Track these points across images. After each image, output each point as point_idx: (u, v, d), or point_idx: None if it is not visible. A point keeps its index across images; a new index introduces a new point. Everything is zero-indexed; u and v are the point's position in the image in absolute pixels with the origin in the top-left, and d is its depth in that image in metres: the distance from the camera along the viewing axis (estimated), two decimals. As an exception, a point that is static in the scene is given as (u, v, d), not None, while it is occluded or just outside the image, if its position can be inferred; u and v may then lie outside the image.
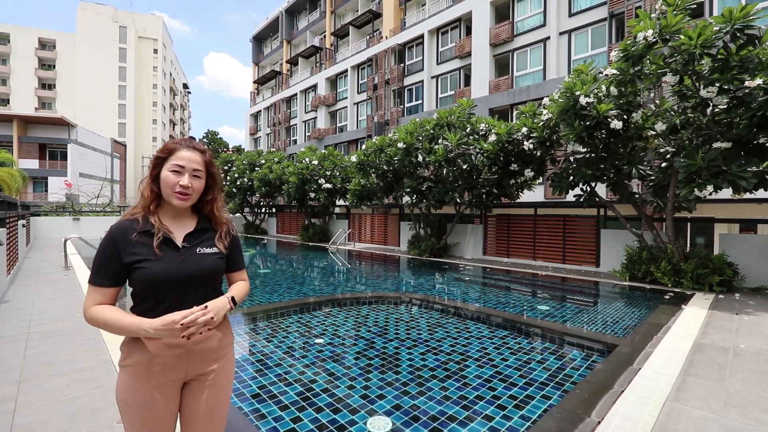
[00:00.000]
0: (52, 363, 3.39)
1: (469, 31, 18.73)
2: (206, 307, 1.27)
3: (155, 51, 58.80)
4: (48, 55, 52.97)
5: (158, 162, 1.35)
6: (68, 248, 9.48)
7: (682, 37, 6.22)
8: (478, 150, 10.42)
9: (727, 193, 8.64)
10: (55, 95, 52.98)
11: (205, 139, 48.48)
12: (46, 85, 53.67)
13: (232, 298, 1.41)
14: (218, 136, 49.14)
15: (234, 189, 22.53)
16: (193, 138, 1.46)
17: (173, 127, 67.76)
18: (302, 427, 2.65)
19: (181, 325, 1.19)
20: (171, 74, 65.64)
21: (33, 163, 32.72)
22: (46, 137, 33.83)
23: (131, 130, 54.93)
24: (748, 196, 7.34)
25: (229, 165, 24.41)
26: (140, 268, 1.27)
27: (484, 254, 12.79)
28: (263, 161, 21.43)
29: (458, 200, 11.20)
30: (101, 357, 3.53)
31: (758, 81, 5.58)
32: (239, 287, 1.50)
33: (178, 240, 1.36)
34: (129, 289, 1.33)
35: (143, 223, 1.32)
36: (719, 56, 6.12)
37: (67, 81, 52.92)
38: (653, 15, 6.87)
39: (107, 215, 21.28)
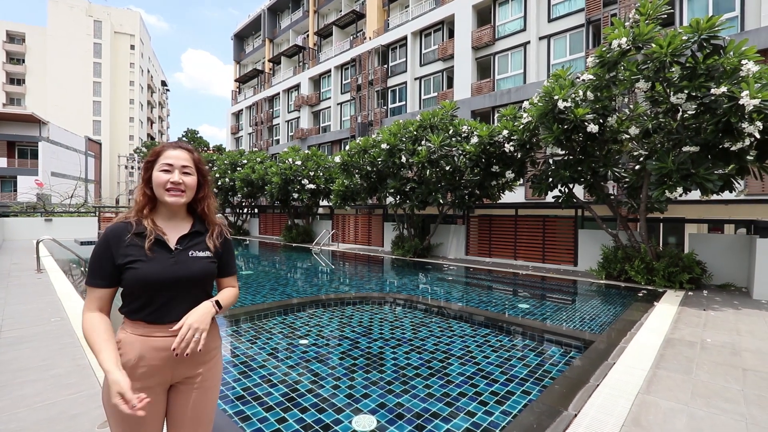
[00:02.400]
0: (27, 369, 3.29)
1: (451, 34, 18.98)
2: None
3: (132, 47, 57.16)
4: (17, 49, 50.78)
5: (148, 166, 1.38)
6: (41, 250, 9.14)
7: (653, 45, 6.51)
8: (460, 152, 10.58)
9: (696, 194, 9.05)
10: (25, 91, 50.81)
11: (184, 138, 47.37)
12: (15, 80, 51.43)
13: (216, 302, 1.41)
14: (198, 135, 48.13)
15: (215, 189, 22.13)
16: (182, 140, 1.47)
17: (151, 126, 65.98)
18: (287, 427, 2.66)
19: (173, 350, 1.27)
20: (149, 71, 63.92)
21: (0, 162, 31.31)
22: (15, 134, 32.40)
23: (107, 128, 53.19)
24: (715, 197, 7.71)
25: (210, 165, 23.96)
26: (131, 269, 1.28)
27: (466, 254, 12.98)
28: (245, 161, 21.15)
29: (441, 201, 11.34)
30: (79, 362, 3.44)
31: (723, 89, 5.88)
32: (227, 293, 1.50)
33: (172, 242, 1.37)
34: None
35: (137, 226, 1.33)
36: (688, 64, 6.42)
37: (37, 76, 50.83)
38: (627, 23, 7.15)
39: (81, 216, 20.55)
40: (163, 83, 76.38)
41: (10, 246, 14.05)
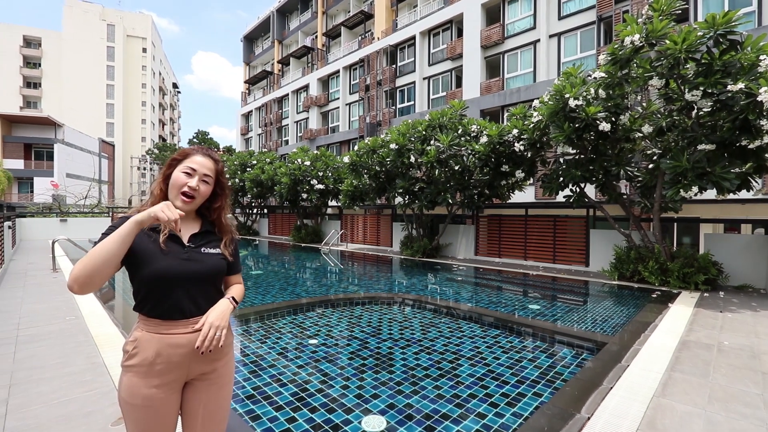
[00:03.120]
0: (43, 366, 3.36)
1: (460, 33, 18.88)
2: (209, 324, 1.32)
3: (144, 50, 58.00)
4: (33, 54, 51.91)
5: (173, 163, 1.40)
6: (56, 250, 9.33)
7: (667, 41, 6.38)
8: (469, 151, 10.52)
9: (711, 193, 8.85)
10: (41, 94, 51.93)
11: (195, 140, 47.99)
12: (32, 83, 52.57)
13: (233, 298, 1.46)
14: (209, 137, 48.71)
15: (225, 190, 22.33)
16: (210, 147, 1.50)
17: (163, 127, 66.90)
18: (297, 427, 2.66)
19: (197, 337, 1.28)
20: (160, 73, 64.81)
21: (18, 164, 32.04)
22: (31, 137, 33.17)
23: (120, 130, 54.08)
24: (731, 196, 7.52)
25: (220, 165, 24.18)
26: (145, 263, 1.29)
27: (476, 254, 12.89)
28: (255, 162, 21.31)
29: (450, 201, 11.28)
30: (93, 360, 3.50)
31: (740, 85, 5.74)
32: (238, 289, 1.54)
33: (183, 239, 1.39)
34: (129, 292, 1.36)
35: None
36: (703, 61, 6.28)
37: (53, 80, 51.90)
38: (640, 20, 7.02)
39: (95, 216, 20.95)
40: (174, 85, 77.38)
41: (27, 246, 14.37)
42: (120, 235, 1.19)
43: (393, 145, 11.51)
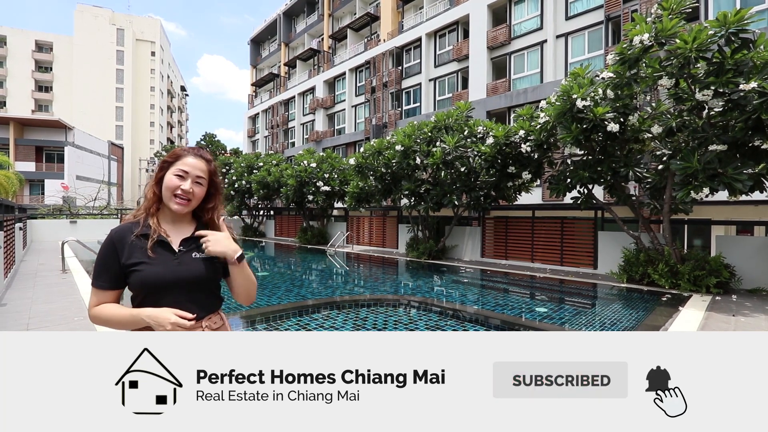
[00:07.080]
0: (50, 367, 3.37)
1: (466, 34, 18.85)
2: (196, 316, 1.33)
3: (153, 53, 58.76)
4: (45, 58, 52.82)
5: (164, 166, 1.38)
6: (66, 251, 9.44)
7: (677, 40, 6.29)
8: (475, 153, 10.46)
9: (723, 195, 8.69)
10: (52, 98, 52.81)
11: (202, 142, 48.41)
12: (43, 87, 53.49)
13: (242, 254, 1.42)
14: (216, 139, 49.10)
15: (232, 191, 22.50)
16: (202, 147, 1.48)
17: (171, 130, 67.64)
18: (302, 430, 2.64)
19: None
20: (168, 76, 65.57)
21: (29, 166, 32.57)
22: (42, 140, 33.72)
23: (128, 133, 54.77)
24: (744, 198, 7.38)
25: (227, 167, 24.38)
26: (136, 271, 1.29)
27: (482, 256, 12.82)
28: (261, 164, 21.41)
29: (456, 202, 11.22)
30: (99, 361, 3.51)
31: (753, 84, 5.63)
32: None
33: (175, 244, 1.37)
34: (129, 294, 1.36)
35: (142, 226, 1.35)
36: (714, 60, 6.18)
37: (64, 83, 52.76)
38: (649, 19, 6.93)
39: (105, 218, 21.19)
40: (182, 88, 78.18)
41: (38, 247, 14.57)
42: (124, 325, 1.29)
43: (399, 147, 11.49)
